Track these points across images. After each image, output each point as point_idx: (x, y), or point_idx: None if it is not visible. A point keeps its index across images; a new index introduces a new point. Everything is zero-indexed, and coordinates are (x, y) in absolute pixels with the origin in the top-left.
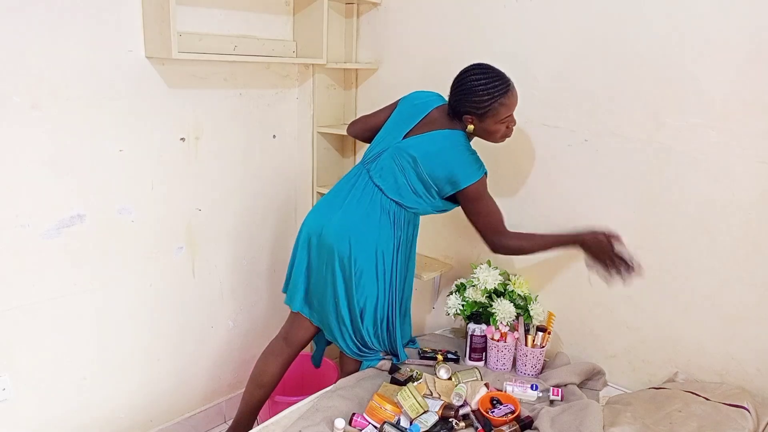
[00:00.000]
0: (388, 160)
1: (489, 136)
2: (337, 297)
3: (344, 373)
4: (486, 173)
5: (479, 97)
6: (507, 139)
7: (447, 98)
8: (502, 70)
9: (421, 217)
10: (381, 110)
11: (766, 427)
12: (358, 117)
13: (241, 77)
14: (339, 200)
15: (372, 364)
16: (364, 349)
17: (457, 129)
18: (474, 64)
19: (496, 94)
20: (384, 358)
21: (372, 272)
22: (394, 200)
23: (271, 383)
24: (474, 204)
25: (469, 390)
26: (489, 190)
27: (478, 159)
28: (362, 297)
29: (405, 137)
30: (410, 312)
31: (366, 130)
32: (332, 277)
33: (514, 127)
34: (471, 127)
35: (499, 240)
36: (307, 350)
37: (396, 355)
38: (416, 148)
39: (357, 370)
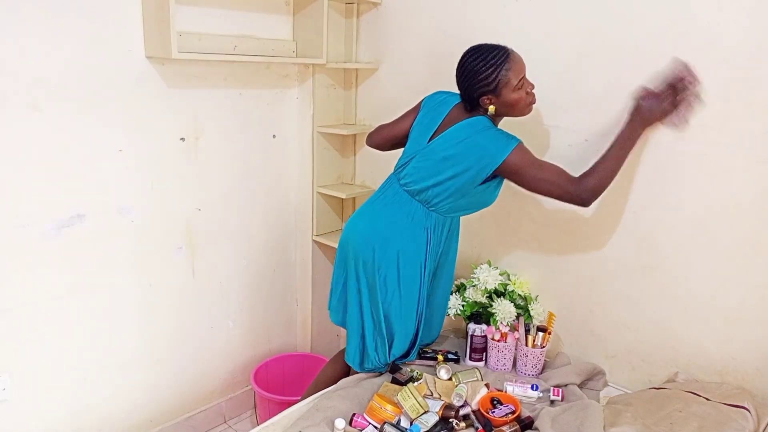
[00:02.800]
0: (417, 165)
1: (513, 109)
2: (362, 304)
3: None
4: (520, 141)
5: (484, 74)
6: (534, 106)
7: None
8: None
9: None
10: (401, 118)
11: (766, 427)
12: (375, 127)
13: (241, 77)
14: (368, 209)
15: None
16: (370, 363)
17: (478, 116)
18: (466, 50)
19: (499, 63)
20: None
21: (394, 278)
22: (424, 204)
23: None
24: (525, 172)
25: (470, 390)
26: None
27: (506, 133)
28: (386, 303)
29: (430, 140)
30: (441, 316)
31: (388, 140)
32: (356, 284)
33: (534, 92)
34: (492, 108)
35: (577, 191)
36: (308, 350)
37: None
38: (443, 147)
39: None
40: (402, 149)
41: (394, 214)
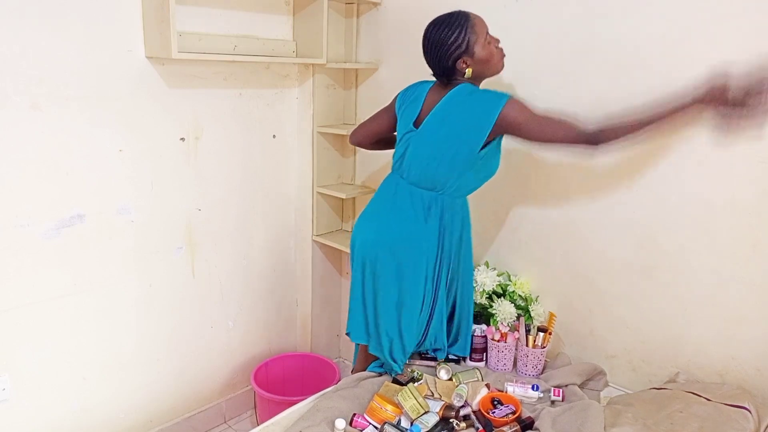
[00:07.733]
0: (414, 152)
1: (488, 65)
2: (387, 301)
3: (356, 370)
4: (511, 95)
5: (452, 37)
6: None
7: (433, 78)
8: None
9: None
10: (379, 115)
11: (766, 428)
12: (356, 127)
13: (241, 77)
14: (375, 210)
15: (378, 370)
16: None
17: (459, 84)
18: (425, 28)
19: (462, 23)
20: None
21: (419, 272)
22: (432, 191)
23: None
24: (526, 123)
25: (470, 390)
26: (491, 191)
27: (494, 91)
28: (406, 297)
29: (418, 126)
30: (467, 313)
31: (367, 137)
32: (380, 284)
33: (502, 47)
34: (469, 71)
35: (583, 134)
36: (308, 350)
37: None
38: (436, 126)
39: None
40: (388, 149)
41: (404, 210)
